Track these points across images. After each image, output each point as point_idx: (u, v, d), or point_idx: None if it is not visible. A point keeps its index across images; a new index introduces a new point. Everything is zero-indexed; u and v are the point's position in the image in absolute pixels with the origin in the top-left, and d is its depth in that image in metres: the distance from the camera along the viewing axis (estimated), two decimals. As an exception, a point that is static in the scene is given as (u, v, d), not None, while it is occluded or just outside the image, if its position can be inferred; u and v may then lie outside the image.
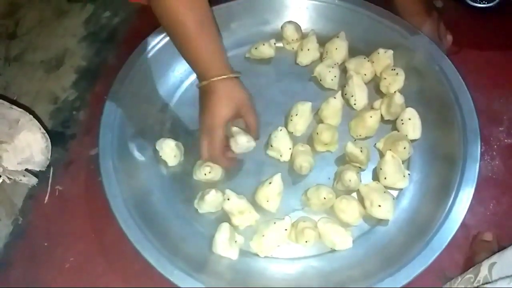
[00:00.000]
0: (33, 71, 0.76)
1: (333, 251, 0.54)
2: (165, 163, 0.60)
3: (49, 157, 0.49)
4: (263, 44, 0.70)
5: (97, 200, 0.58)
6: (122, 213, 0.51)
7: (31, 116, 0.45)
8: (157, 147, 0.60)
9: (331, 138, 0.59)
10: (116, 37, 0.80)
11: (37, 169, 0.47)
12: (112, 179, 0.54)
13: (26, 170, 0.50)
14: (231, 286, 0.48)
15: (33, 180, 0.47)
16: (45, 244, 0.56)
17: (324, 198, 0.54)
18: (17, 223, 0.58)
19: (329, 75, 0.66)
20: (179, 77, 0.69)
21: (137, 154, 0.60)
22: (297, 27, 0.72)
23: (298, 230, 0.52)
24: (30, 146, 0.45)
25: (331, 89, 0.67)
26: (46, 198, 0.59)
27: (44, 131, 0.46)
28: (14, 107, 0.45)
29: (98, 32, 0.81)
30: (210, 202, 0.55)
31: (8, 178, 0.45)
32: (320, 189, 0.54)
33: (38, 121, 0.52)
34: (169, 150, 0.60)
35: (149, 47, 0.67)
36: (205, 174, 0.57)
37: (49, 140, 0.47)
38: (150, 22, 0.74)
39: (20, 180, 0.46)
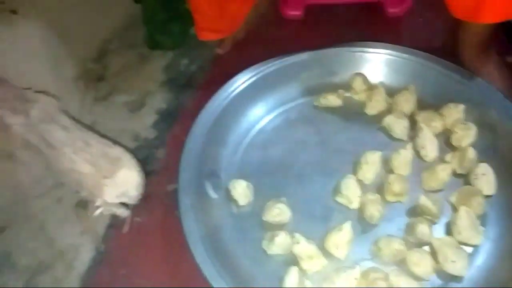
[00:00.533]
0: (118, 111, 0.83)
1: (403, 303, 0.53)
2: (236, 202, 0.63)
3: (141, 193, 0.53)
4: (332, 94, 0.73)
5: (172, 233, 0.61)
6: (198, 248, 0.54)
7: (131, 155, 0.49)
8: (229, 187, 0.63)
9: (402, 189, 0.60)
10: (193, 83, 0.86)
11: (130, 202, 0.51)
12: (190, 215, 0.57)
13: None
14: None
15: (126, 213, 0.51)
16: (123, 272, 0.60)
17: (396, 250, 0.54)
18: (99, 249, 0.63)
19: (398, 126, 0.68)
20: (250, 122, 0.72)
21: (211, 193, 0.63)
22: (365, 79, 0.75)
23: (369, 280, 0.52)
24: (127, 182, 0.49)
25: (400, 140, 0.68)
26: (126, 228, 0.63)
27: (140, 169, 0.51)
28: (116, 146, 0.50)
29: (176, 78, 0.87)
30: (279, 244, 0.57)
31: (106, 209, 0.49)
32: (392, 240, 0.55)
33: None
34: (241, 190, 0.62)
35: (225, 95, 0.72)
36: (274, 216, 0.59)
37: (143, 177, 0.52)
38: (224, 70, 0.81)
39: (115, 212, 0.50)
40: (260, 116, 0.73)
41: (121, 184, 0.48)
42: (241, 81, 0.73)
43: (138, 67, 0.90)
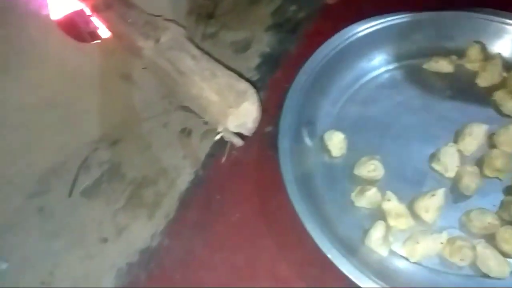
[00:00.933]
0: (224, 50, 0.86)
1: (485, 276, 0.53)
2: (329, 152, 0.65)
3: (256, 126, 0.56)
4: (444, 59, 0.71)
5: (266, 170, 0.65)
6: (292, 187, 0.57)
7: (255, 90, 0.52)
8: (325, 137, 0.65)
9: (504, 165, 0.58)
10: (298, 30, 0.86)
11: (246, 134, 0.55)
12: (286, 156, 0.60)
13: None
14: (378, 278, 0.51)
15: (240, 142, 0.55)
16: (217, 196, 0.65)
17: (488, 224, 0.53)
18: (198, 174, 0.69)
19: (510, 102, 0.64)
20: (354, 77, 0.72)
21: (307, 140, 0.66)
22: (483, 48, 0.71)
23: (454, 247, 0.53)
24: (248, 114, 0.53)
25: (509, 116, 0.65)
26: (223, 159, 0.68)
27: (260, 104, 0.53)
28: (242, 80, 0.54)
29: (283, 23, 0.88)
30: (369, 198, 0.58)
31: (226, 136, 0.53)
32: (486, 213, 0.54)
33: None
34: (337, 142, 0.64)
35: (333, 46, 0.71)
36: (368, 172, 0.61)
37: (260, 113, 0.55)
38: (332, 21, 0.80)
39: (232, 140, 0.54)
40: (365, 71, 0.72)
41: (243, 115, 0.52)
42: (350, 34, 0.72)
43: (247, 9, 0.92)
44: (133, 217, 0.66)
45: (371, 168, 0.60)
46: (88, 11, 0.69)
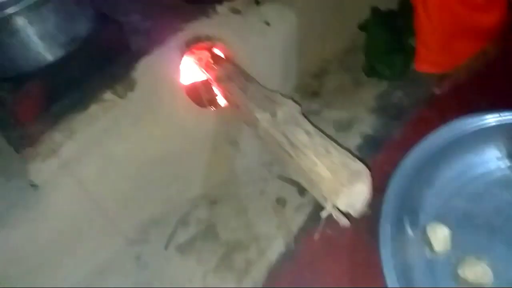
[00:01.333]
0: (326, 127, 0.88)
1: None
2: (431, 246, 0.62)
3: (365, 208, 0.56)
4: None
5: (360, 254, 0.64)
6: (391, 277, 0.55)
7: (368, 171, 0.53)
8: (428, 229, 0.62)
9: None
10: (403, 116, 0.86)
11: (353, 214, 0.55)
12: (388, 244, 0.58)
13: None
14: None
15: (347, 222, 0.55)
16: (307, 275, 0.64)
17: None
18: (289, 247, 0.69)
19: None
20: (461, 171, 0.70)
21: (408, 229, 0.63)
22: None
23: None
24: (359, 195, 0.53)
25: None
26: (317, 235, 0.67)
27: (371, 186, 0.54)
28: (356, 159, 0.55)
29: (387, 108, 0.89)
30: (476, 304, 0.54)
31: (333, 214, 0.53)
32: None
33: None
34: (441, 236, 0.61)
35: (443, 136, 0.70)
36: (475, 275, 0.56)
37: (370, 194, 0.54)
38: (439, 111, 0.79)
39: (339, 219, 0.54)
40: (474, 166, 0.70)
41: (354, 195, 0.52)
42: (461, 126, 0.71)
43: (352, 90, 0.95)
44: (222, 280, 0.67)
45: (478, 272, 0.56)
46: (211, 81, 0.76)
